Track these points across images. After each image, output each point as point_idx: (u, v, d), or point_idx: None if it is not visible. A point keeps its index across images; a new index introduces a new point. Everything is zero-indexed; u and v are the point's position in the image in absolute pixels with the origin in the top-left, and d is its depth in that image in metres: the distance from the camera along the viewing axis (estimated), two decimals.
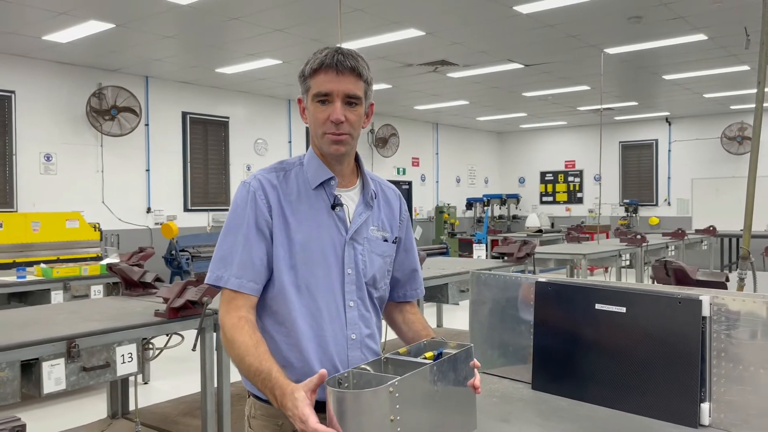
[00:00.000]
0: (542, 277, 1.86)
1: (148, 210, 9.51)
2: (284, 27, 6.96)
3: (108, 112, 8.70)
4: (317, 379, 1.28)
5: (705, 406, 1.58)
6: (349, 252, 1.59)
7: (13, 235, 7.12)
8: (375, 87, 10.64)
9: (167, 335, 2.99)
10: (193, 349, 2.86)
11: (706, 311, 1.60)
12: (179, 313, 2.95)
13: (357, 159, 1.69)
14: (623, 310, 1.67)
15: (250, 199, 1.55)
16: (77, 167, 8.65)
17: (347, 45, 7.68)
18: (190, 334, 3.04)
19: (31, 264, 5.93)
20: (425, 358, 1.38)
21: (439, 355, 1.38)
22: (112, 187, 9.03)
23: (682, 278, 3.67)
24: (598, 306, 1.71)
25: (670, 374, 1.61)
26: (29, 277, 4.82)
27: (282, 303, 1.52)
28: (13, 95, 7.95)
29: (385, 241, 1.68)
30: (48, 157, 8.35)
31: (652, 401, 1.63)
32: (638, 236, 8.46)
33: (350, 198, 1.64)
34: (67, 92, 8.51)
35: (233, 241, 1.53)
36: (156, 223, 9.53)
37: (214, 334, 3.15)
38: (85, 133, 8.70)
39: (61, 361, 2.52)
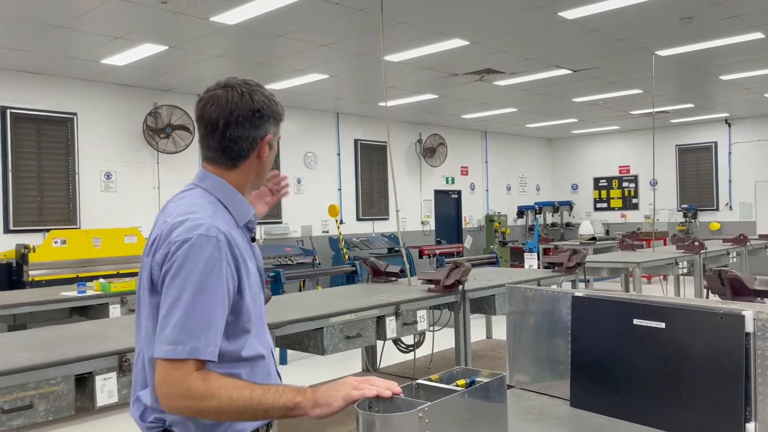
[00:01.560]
0: (578, 292, 1.83)
1: None
2: (329, 42, 7.07)
3: (163, 131, 9.02)
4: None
5: (750, 427, 1.52)
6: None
7: (77, 250, 7.45)
8: (422, 96, 10.65)
9: None
10: None
11: (749, 327, 1.54)
12: None
13: None
14: (662, 325, 1.62)
15: (222, 257, 1.40)
16: (135, 184, 9.00)
17: (392, 57, 7.78)
18: None
19: (92, 279, 6.19)
20: (457, 386, 1.38)
21: (471, 383, 1.37)
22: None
23: (739, 288, 3.52)
24: (636, 321, 1.67)
25: (713, 392, 1.56)
26: (89, 292, 5.03)
27: (252, 348, 1.49)
28: (75, 117, 8.35)
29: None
30: (108, 175, 8.71)
31: (694, 420, 1.58)
32: (696, 243, 8.16)
33: None
34: (125, 112, 8.87)
35: (210, 305, 1.36)
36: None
37: None
38: (142, 150, 9.05)
39: (113, 374, 2.62)
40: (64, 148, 8.32)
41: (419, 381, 1.39)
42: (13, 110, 7.88)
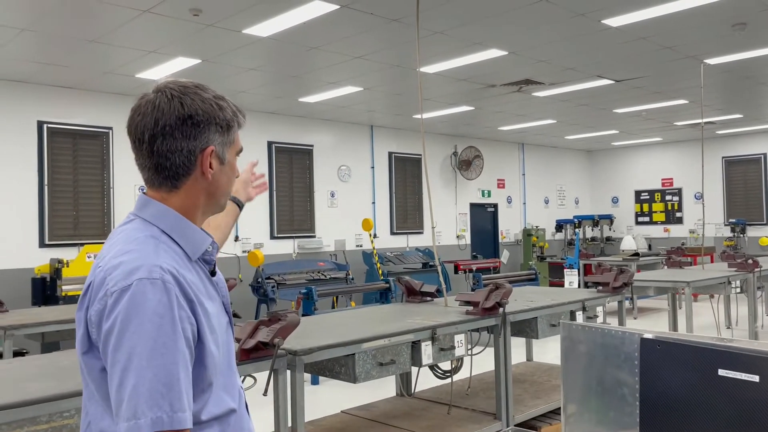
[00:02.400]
0: (648, 333, 1.58)
1: (236, 238, 9.70)
2: (363, 54, 6.92)
3: None
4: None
5: None
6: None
7: None
8: (457, 109, 10.44)
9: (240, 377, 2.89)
10: (264, 394, 2.73)
11: None
12: (251, 354, 2.84)
13: None
14: (756, 378, 1.37)
15: (172, 301, 1.15)
16: None
17: (427, 69, 7.59)
18: (263, 377, 2.92)
19: None
20: None
21: None
22: None
23: None
24: (721, 372, 1.42)
25: None
26: None
27: (219, 404, 1.28)
28: (110, 131, 8.37)
29: None
30: (143, 189, 8.68)
31: None
32: (749, 260, 7.72)
33: None
34: None
35: (167, 364, 1.11)
36: (243, 251, 9.70)
37: (288, 374, 3.02)
38: None
39: None
40: (100, 162, 8.34)
41: None
42: (49, 125, 7.93)
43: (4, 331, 4.21)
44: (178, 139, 1.27)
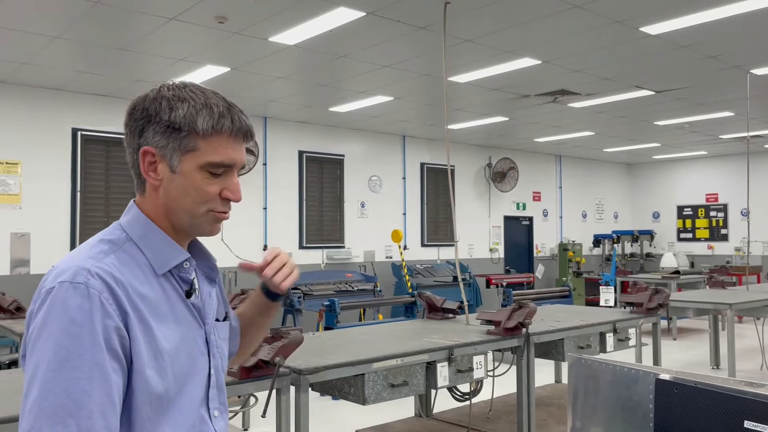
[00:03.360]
0: (665, 374, 1.39)
1: (265, 247, 9.66)
2: (392, 63, 6.80)
3: None
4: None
5: None
6: (211, 349, 1.24)
7: None
8: (491, 119, 10.22)
9: (238, 396, 2.77)
10: (263, 415, 2.60)
11: None
12: (251, 373, 2.72)
13: None
14: None
15: (94, 308, 1.03)
16: None
17: (457, 78, 7.42)
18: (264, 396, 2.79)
19: None
20: None
21: None
22: (231, 225, 9.25)
23: None
24: (748, 424, 1.22)
25: None
26: None
27: None
28: None
29: (225, 320, 1.34)
30: None
31: None
32: None
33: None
34: None
35: (79, 378, 0.99)
36: None
37: (291, 392, 2.89)
38: None
39: None
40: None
41: None
42: (83, 132, 8.03)
43: (20, 338, 4.20)
44: (127, 134, 1.21)
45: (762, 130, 11.02)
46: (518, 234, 13.63)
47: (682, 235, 15.15)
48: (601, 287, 10.11)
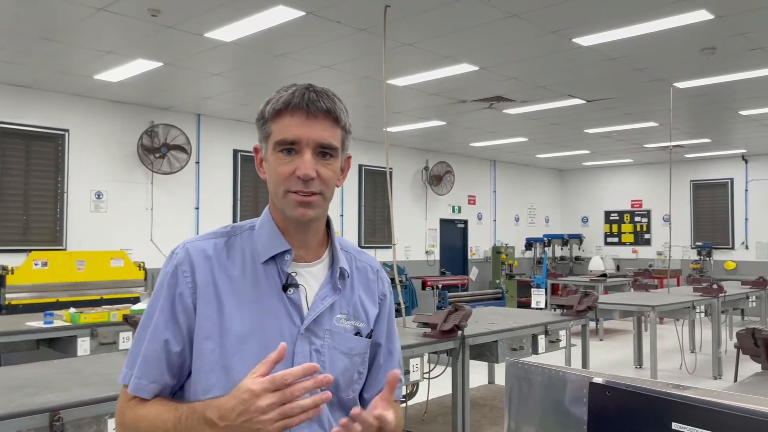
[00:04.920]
0: (598, 377, 1.42)
1: None
2: (331, 64, 6.75)
3: (158, 150, 8.70)
4: (276, 355, 1.04)
5: None
6: (303, 348, 1.20)
7: (58, 273, 7.08)
8: (428, 123, 10.27)
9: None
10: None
11: None
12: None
13: (328, 224, 1.32)
14: None
15: (169, 274, 1.23)
16: (127, 205, 8.65)
17: (397, 81, 7.44)
18: None
19: (71, 305, 5.78)
20: None
21: None
22: (161, 224, 8.98)
23: None
24: (675, 426, 1.25)
25: None
26: (57, 323, 4.62)
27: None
28: (66, 134, 8.04)
29: (357, 334, 1.28)
30: (98, 195, 8.37)
31: None
32: (714, 285, 7.69)
33: (313, 276, 1.27)
34: (120, 130, 8.56)
35: (142, 330, 1.23)
36: None
37: None
38: (135, 170, 8.71)
39: None
40: (54, 166, 7.99)
41: None
42: (1, 125, 7.59)
43: None
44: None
45: (683, 140, 11.59)
46: (453, 237, 13.82)
47: (609, 240, 15.76)
48: (532, 290, 10.36)
